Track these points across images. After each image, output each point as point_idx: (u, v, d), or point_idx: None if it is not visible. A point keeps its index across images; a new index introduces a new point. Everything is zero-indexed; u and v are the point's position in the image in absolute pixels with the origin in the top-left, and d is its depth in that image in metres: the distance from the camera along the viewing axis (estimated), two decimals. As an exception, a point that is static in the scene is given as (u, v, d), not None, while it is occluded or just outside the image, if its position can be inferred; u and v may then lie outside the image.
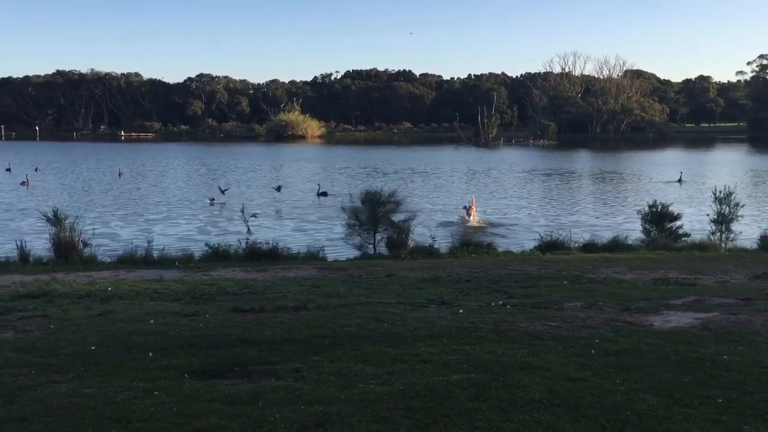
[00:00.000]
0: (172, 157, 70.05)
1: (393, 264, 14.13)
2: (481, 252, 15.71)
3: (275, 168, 53.97)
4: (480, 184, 40.68)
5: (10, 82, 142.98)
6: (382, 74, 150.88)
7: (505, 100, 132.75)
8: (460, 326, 7.75)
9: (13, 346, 6.90)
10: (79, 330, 7.65)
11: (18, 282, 12.01)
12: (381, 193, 16.93)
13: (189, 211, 27.26)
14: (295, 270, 13.53)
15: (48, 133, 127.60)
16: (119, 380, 5.81)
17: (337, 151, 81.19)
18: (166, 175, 46.74)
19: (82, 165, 55.80)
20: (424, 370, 6.09)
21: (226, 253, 15.53)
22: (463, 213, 25.00)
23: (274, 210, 19.43)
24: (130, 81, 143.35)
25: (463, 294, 10.19)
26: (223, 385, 5.76)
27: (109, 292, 10.62)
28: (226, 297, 10.13)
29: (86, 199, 31.59)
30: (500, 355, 6.58)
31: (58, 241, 15.65)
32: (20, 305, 9.28)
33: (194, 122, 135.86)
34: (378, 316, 8.35)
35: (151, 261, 14.93)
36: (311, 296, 9.97)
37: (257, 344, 7.01)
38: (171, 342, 7.07)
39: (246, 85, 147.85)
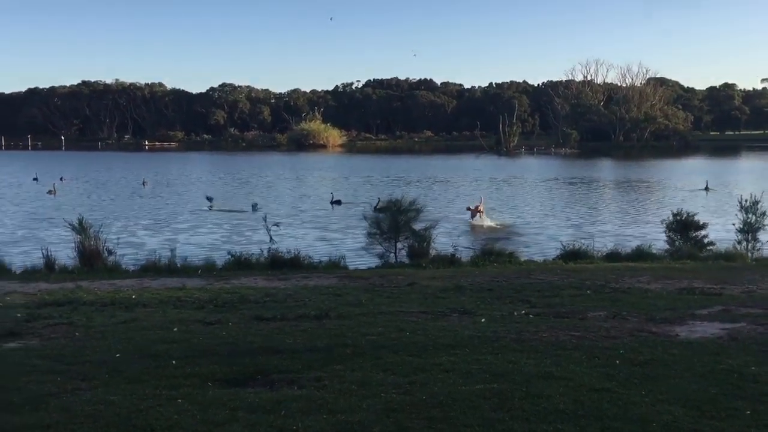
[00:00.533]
0: (195, 166, 70.68)
1: (414, 273, 14.11)
2: (503, 261, 15.63)
3: (299, 177, 54.19)
4: (503, 192, 40.53)
5: (37, 92, 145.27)
6: (403, 83, 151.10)
7: (526, 108, 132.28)
8: (482, 336, 7.71)
9: (39, 354, 6.98)
10: (103, 338, 7.72)
11: (44, 290, 12.16)
12: (402, 201, 16.94)
13: (212, 220, 27.45)
14: (317, 279, 13.56)
15: (73, 142, 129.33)
16: (143, 388, 5.85)
17: (358, 160, 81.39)
18: (190, 184, 47.15)
19: (106, 174, 56.49)
20: (446, 380, 6.06)
21: (248, 262, 15.62)
22: (467, 214, 25.24)
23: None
24: (154, 91, 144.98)
25: (485, 303, 10.15)
26: (246, 393, 5.78)
27: (133, 300, 10.72)
28: (248, 305, 10.17)
29: (111, 208, 31.94)
30: (523, 365, 6.53)
31: (82, 250, 15.84)
32: (46, 313, 9.40)
33: (216, 131, 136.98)
34: (400, 325, 8.33)
35: (174, 269, 15.04)
36: (333, 305, 9.98)
37: (279, 353, 7.02)
38: (194, 350, 7.11)
39: (268, 95, 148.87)
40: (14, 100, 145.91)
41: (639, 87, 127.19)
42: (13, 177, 52.80)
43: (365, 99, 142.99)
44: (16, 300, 10.98)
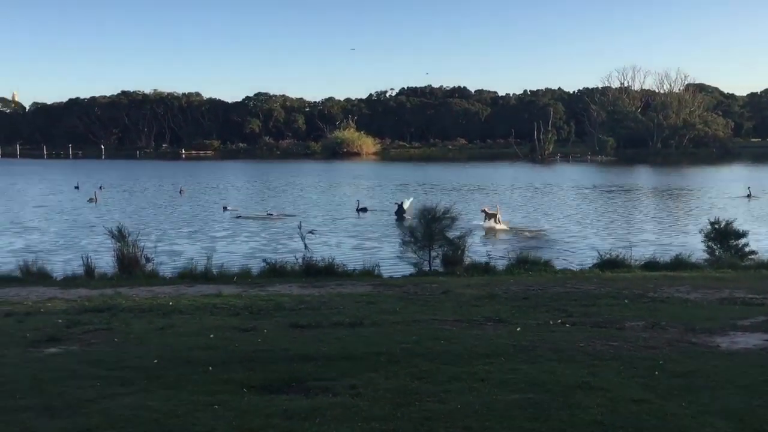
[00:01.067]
0: (230, 174, 71.49)
1: (449, 281, 14.05)
2: (539, 269, 15.49)
3: (333, 185, 54.44)
4: (540, 200, 40.18)
5: (78, 102, 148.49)
6: (437, 91, 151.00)
7: (561, 115, 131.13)
8: (517, 345, 7.64)
9: (80, 359, 7.11)
10: (142, 343, 7.83)
11: (84, 296, 12.40)
12: (436, 209, 16.90)
13: (247, 228, 27.71)
14: (351, 286, 13.59)
15: (113, 151, 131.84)
16: (181, 393, 5.92)
17: (392, 168, 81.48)
18: (226, 193, 47.69)
19: (145, 183, 57.45)
20: (481, 389, 6.02)
21: (282, 270, 15.72)
22: (482, 216, 25.71)
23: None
24: (191, 100, 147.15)
25: (520, 312, 10.06)
26: (281, 400, 5.81)
27: (170, 306, 10.87)
28: (283, 312, 10.24)
29: (149, 216, 32.46)
30: (560, 375, 6.45)
31: (121, 257, 16.12)
32: (86, 319, 9.58)
33: (252, 140, 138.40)
34: (434, 333, 8.30)
35: (210, 276, 15.22)
36: (367, 312, 9.99)
37: (314, 360, 7.05)
38: (230, 356, 7.17)
39: (302, 103, 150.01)
40: (56, 110, 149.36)
41: (677, 93, 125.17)
42: (55, 186, 54.02)
43: (399, 107, 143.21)
44: (57, 306, 11.21)
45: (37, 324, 9.28)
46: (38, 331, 8.70)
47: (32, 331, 8.72)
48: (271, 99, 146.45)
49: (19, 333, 8.59)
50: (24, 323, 9.43)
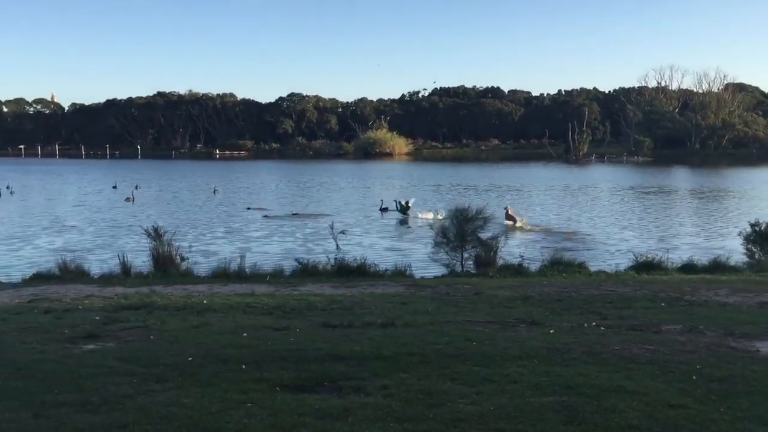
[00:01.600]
0: (263, 174, 72.10)
1: (481, 282, 13.98)
2: (573, 271, 15.31)
3: (365, 185, 54.55)
4: (576, 201, 39.77)
5: (115, 103, 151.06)
6: (470, 91, 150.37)
7: (596, 115, 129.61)
8: (551, 347, 7.56)
9: (116, 356, 7.22)
10: (176, 341, 7.93)
11: (120, 294, 12.60)
12: (468, 209, 16.82)
13: (280, 228, 27.90)
14: (383, 286, 13.60)
15: (148, 151, 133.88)
16: (214, 391, 5.97)
17: (425, 168, 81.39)
18: (259, 192, 48.11)
19: (180, 183, 58.24)
20: (514, 391, 5.97)
21: (315, 269, 15.79)
22: (503, 214, 27.10)
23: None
24: (225, 101, 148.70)
25: (554, 314, 9.95)
26: (313, 399, 5.83)
27: (204, 305, 10.99)
28: (315, 312, 10.28)
29: (183, 215, 32.89)
30: (594, 378, 6.37)
31: (157, 256, 16.36)
32: (122, 316, 9.73)
33: (285, 140, 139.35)
34: (467, 334, 8.26)
35: (243, 276, 15.35)
36: (399, 313, 9.98)
37: (346, 360, 7.06)
38: (263, 355, 7.22)
39: (335, 104, 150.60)
40: (94, 111, 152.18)
41: (716, 93, 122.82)
42: (94, 185, 55.08)
43: (432, 107, 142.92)
44: (95, 303, 11.42)
45: (75, 321, 9.46)
46: (76, 327, 8.87)
47: (70, 327, 8.89)
48: (304, 99, 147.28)
49: (57, 329, 8.77)
50: (62, 320, 9.62)
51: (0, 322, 9.42)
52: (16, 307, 11.21)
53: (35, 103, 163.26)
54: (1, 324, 9.30)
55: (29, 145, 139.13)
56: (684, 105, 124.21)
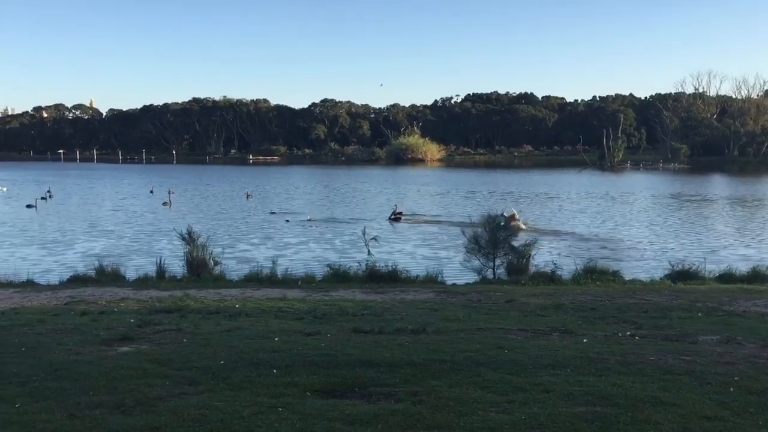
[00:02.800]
0: (296, 179, 72.56)
1: (513, 289, 13.87)
2: (607, 279, 15.12)
3: (399, 191, 54.56)
4: (613, 208, 39.26)
5: (151, 109, 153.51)
6: (503, 97, 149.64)
7: (632, 122, 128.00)
8: (584, 356, 7.46)
9: (150, 358, 7.31)
10: (209, 344, 8.00)
11: (155, 297, 12.78)
12: (501, 217, 16.72)
13: (311, 233, 28.03)
14: (414, 293, 13.57)
15: (183, 157, 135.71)
16: (246, 395, 6.01)
17: (457, 175, 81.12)
18: (292, 197, 48.40)
19: (215, 187, 58.90)
20: (546, 400, 5.89)
21: (346, 275, 15.84)
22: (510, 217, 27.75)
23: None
24: (259, 107, 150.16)
25: (587, 323, 9.83)
26: (344, 405, 5.83)
27: (236, 309, 11.08)
28: (346, 317, 10.29)
29: (217, 220, 33.24)
30: (628, 389, 6.26)
31: (191, 259, 16.56)
32: (156, 319, 9.86)
33: (317, 146, 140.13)
34: (498, 342, 8.19)
35: (275, 280, 15.47)
36: (430, 320, 9.95)
37: (376, 366, 7.04)
38: (294, 360, 7.24)
39: (367, 110, 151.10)
40: (131, 116, 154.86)
41: (756, 99, 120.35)
42: (131, 190, 56.01)
43: (464, 113, 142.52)
44: (130, 306, 11.59)
45: (110, 323, 9.61)
46: (111, 330, 9.00)
47: (106, 329, 9.03)
48: (336, 105, 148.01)
49: (93, 331, 8.91)
50: (98, 322, 9.77)
51: (38, 324, 9.60)
52: (53, 309, 11.43)
53: (74, 108, 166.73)
54: (39, 325, 9.48)
55: (68, 150, 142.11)
56: (722, 111, 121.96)
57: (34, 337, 8.56)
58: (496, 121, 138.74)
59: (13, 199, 45.93)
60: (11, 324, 9.65)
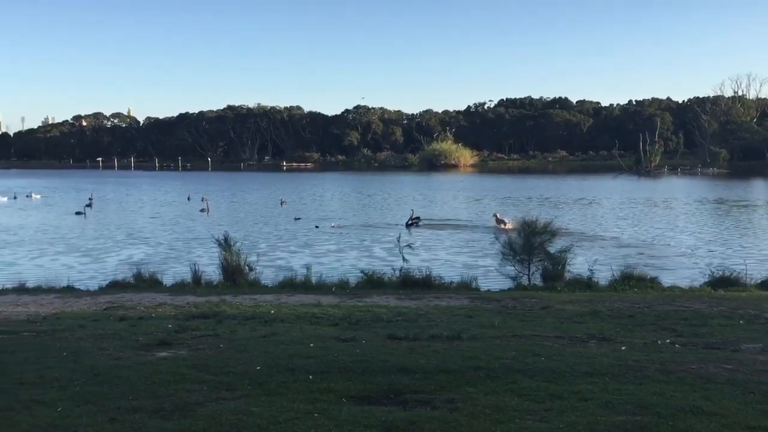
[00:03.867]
0: (329, 185, 72.88)
1: (548, 296, 13.73)
2: (644, 286, 14.88)
3: (431, 197, 54.47)
4: (651, 213, 38.68)
5: (187, 117, 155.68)
6: (537, 102, 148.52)
7: (669, 126, 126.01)
8: (623, 364, 7.34)
9: (188, 363, 7.39)
10: (245, 350, 8.06)
11: (191, 302, 12.93)
12: (536, 222, 16.59)
13: (345, 239, 28.10)
14: (448, 299, 13.52)
15: (218, 163, 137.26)
16: (282, 401, 6.04)
17: (491, 180, 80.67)
18: (325, 204, 48.62)
19: (250, 194, 59.48)
20: (585, 409, 5.81)
21: (380, 281, 15.85)
22: (493, 220, 31.00)
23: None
24: (292, 114, 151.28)
25: (625, 330, 9.68)
26: (379, 411, 5.82)
27: (272, 314, 11.16)
28: (380, 324, 10.29)
29: (252, 226, 33.53)
30: (669, 398, 6.14)
31: (226, 265, 16.73)
32: (193, 325, 9.97)
33: (350, 152, 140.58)
34: (534, 349, 8.11)
35: (309, 286, 15.55)
36: (465, 326, 9.89)
37: (412, 372, 7.02)
38: (329, 366, 7.26)
39: (400, 116, 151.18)
40: (167, 124, 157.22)
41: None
42: (169, 197, 56.89)
43: (498, 118, 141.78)
44: (167, 312, 11.74)
45: (149, 328, 9.75)
46: (150, 335, 9.13)
47: (144, 335, 9.16)
48: (369, 111, 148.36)
49: (132, 337, 9.05)
50: (137, 327, 9.92)
51: (78, 329, 9.79)
52: (93, 314, 11.64)
53: (113, 117, 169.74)
54: (80, 330, 9.66)
55: (106, 158, 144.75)
56: (762, 115, 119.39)
57: (75, 342, 8.73)
58: (529, 126, 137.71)
59: (56, 207, 46.99)
60: (53, 329, 9.85)
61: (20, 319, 11.19)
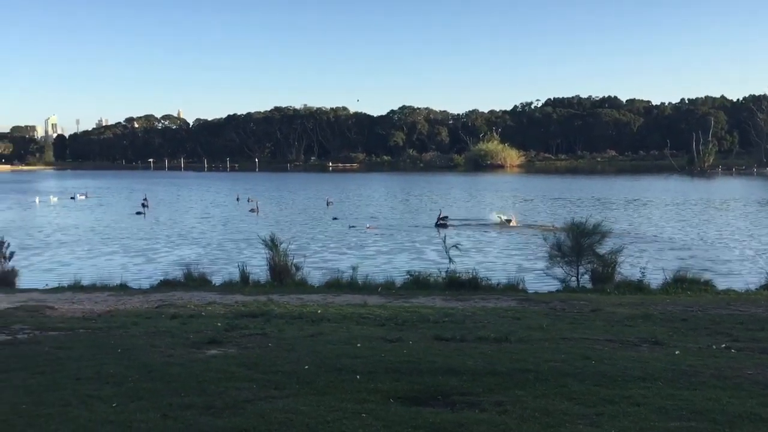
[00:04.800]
0: (375, 186, 73.05)
1: (598, 298, 13.50)
2: (698, 289, 14.51)
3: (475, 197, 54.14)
4: (712, 215, 37.73)
5: (235, 118, 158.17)
6: (585, 101, 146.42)
7: (723, 125, 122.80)
8: (677, 369, 7.16)
9: (238, 362, 7.48)
10: (293, 349, 8.12)
11: (239, 302, 13.11)
12: (586, 223, 16.32)
13: (391, 240, 28.13)
14: (495, 300, 13.41)
15: (265, 164, 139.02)
16: (330, 400, 6.06)
17: (542, 181, 79.76)
18: (368, 204, 48.76)
19: (296, 194, 60.07)
20: (637, 414, 5.68)
21: (426, 282, 15.80)
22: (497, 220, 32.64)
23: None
24: (338, 114, 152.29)
25: (678, 334, 9.44)
26: (427, 412, 5.79)
27: (318, 314, 11.23)
28: (427, 324, 10.25)
29: (299, 226, 33.84)
30: (725, 404, 5.96)
31: (273, 265, 16.91)
32: (243, 323, 10.10)
33: (395, 153, 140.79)
34: (584, 352, 7.96)
35: (355, 286, 15.60)
36: (512, 328, 9.79)
37: (459, 374, 6.97)
38: (377, 366, 7.26)
39: (446, 116, 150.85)
40: (215, 126, 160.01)
41: None
42: (219, 198, 57.89)
43: (545, 118, 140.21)
44: (216, 310, 11.92)
45: (199, 326, 9.91)
46: (200, 333, 9.28)
47: (195, 333, 9.32)
48: (415, 112, 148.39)
49: (183, 334, 9.21)
50: (187, 325, 10.10)
51: (132, 326, 10.01)
52: (146, 312, 11.90)
53: (163, 119, 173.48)
54: (133, 328, 9.88)
55: (157, 159, 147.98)
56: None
57: (129, 339, 8.92)
58: (577, 125, 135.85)
59: (110, 207, 48.23)
60: (108, 326, 10.09)
61: (76, 316, 11.50)
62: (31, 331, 9.71)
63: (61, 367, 7.32)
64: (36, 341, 8.87)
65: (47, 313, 11.76)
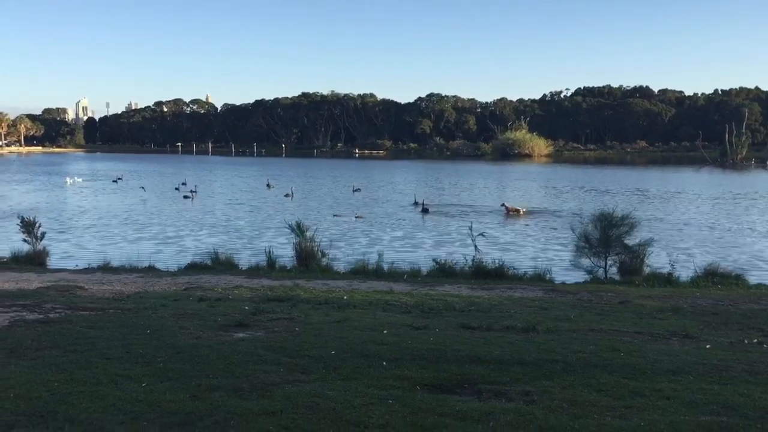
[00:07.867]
0: (402, 173, 72.93)
1: (626, 290, 13.35)
2: (729, 283, 14.28)
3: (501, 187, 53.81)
4: (745, 209, 37.14)
5: (263, 104, 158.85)
6: (616, 91, 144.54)
7: (758, 117, 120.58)
8: (707, 363, 7.06)
9: (265, 345, 7.53)
10: (320, 334, 8.16)
11: (266, 286, 13.19)
12: (613, 215, 16.13)
13: (420, 227, 28.10)
14: (521, 290, 13.33)
15: (292, 149, 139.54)
16: (357, 385, 6.07)
17: (572, 171, 79.03)
18: (398, 191, 48.72)
19: (324, 179, 60.28)
20: (667, 408, 5.61)
21: (452, 270, 15.76)
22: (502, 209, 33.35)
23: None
24: (366, 101, 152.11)
25: (709, 328, 9.30)
26: (453, 400, 5.77)
27: (344, 300, 11.25)
28: (453, 313, 10.22)
29: (325, 211, 33.96)
30: (757, 399, 5.87)
31: (300, 250, 16.98)
32: (269, 308, 10.16)
33: (422, 140, 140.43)
34: (613, 344, 7.89)
35: (381, 273, 15.61)
36: (540, 318, 9.72)
37: (486, 363, 6.94)
38: (403, 353, 7.26)
39: (474, 104, 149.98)
40: (243, 110, 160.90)
41: None
42: (250, 183, 58.34)
43: (574, 108, 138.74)
44: (243, 294, 12.01)
45: (226, 309, 9.99)
46: (228, 316, 9.36)
47: (222, 315, 9.40)
48: (442, 99, 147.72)
49: (211, 317, 9.29)
50: (215, 308, 10.19)
51: (160, 308, 10.12)
52: (174, 294, 12.03)
53: (192, 103, 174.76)
54: (162, 309, 9.99)
55: (185, 143, 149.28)
56: None
57: (157, 320, 9.03)
58: (607, 115, 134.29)
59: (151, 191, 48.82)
60: (137, 307, 10.22)
61: (106, 297, 11.67)
62: (62, 310, 9.87)
63: (91, 346, 7.43)
64: (67, 320, 9.02)
65: (78, 293, 11.95)
